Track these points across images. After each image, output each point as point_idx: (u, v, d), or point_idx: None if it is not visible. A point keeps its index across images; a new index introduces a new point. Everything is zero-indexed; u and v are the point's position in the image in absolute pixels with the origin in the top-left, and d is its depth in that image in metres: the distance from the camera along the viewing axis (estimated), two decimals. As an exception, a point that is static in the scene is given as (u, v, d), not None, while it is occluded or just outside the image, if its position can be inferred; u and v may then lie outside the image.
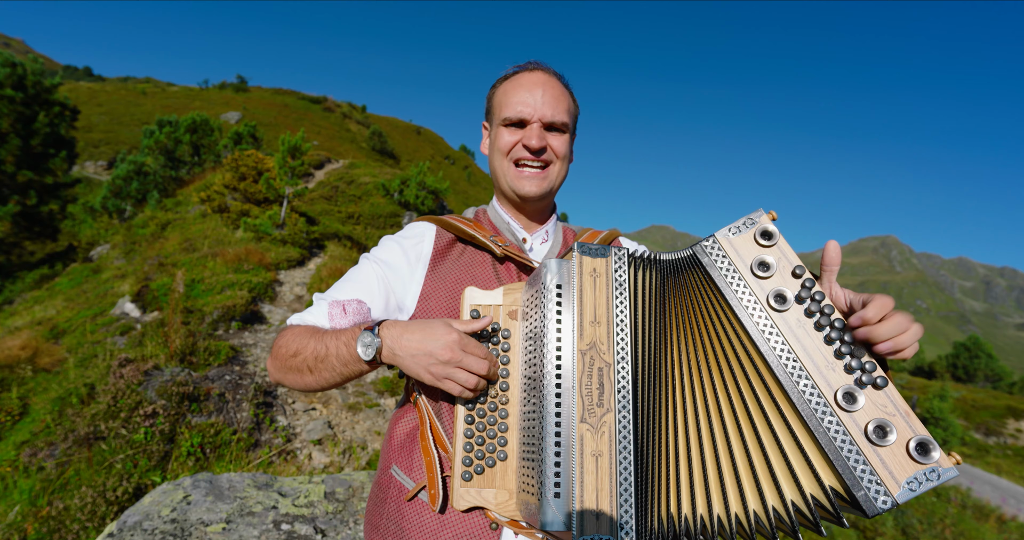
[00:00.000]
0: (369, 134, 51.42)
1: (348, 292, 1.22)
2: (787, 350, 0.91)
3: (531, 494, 0.94)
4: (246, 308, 7.79)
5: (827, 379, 0.88)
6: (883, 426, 0.83)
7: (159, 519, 2.50)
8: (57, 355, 6.61)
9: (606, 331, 0.94)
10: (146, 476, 3.94)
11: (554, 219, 1.42)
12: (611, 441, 0.89)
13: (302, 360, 1.12)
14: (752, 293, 0.95)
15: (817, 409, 0.87)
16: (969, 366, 49.95)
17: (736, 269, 0.97)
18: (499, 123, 1.27)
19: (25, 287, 15.34)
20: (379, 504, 1.22)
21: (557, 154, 1.27)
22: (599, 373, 0.92)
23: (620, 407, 0.91)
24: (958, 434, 26.43)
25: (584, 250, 0.99)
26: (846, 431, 0.85)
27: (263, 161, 14.40)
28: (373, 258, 1.27)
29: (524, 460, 0.99)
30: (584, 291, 0.96)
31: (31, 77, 16.82)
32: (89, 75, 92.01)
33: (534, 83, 1.24)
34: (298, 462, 4.64)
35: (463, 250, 1.28)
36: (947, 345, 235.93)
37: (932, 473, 0.81)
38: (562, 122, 1.25)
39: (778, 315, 0.93)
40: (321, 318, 1.19)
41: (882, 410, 0.85)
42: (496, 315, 1.12)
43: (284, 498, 2.92)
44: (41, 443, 4.30)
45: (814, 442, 0.87)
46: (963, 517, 10.64)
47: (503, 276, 1.24)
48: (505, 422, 1.06)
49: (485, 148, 1.38)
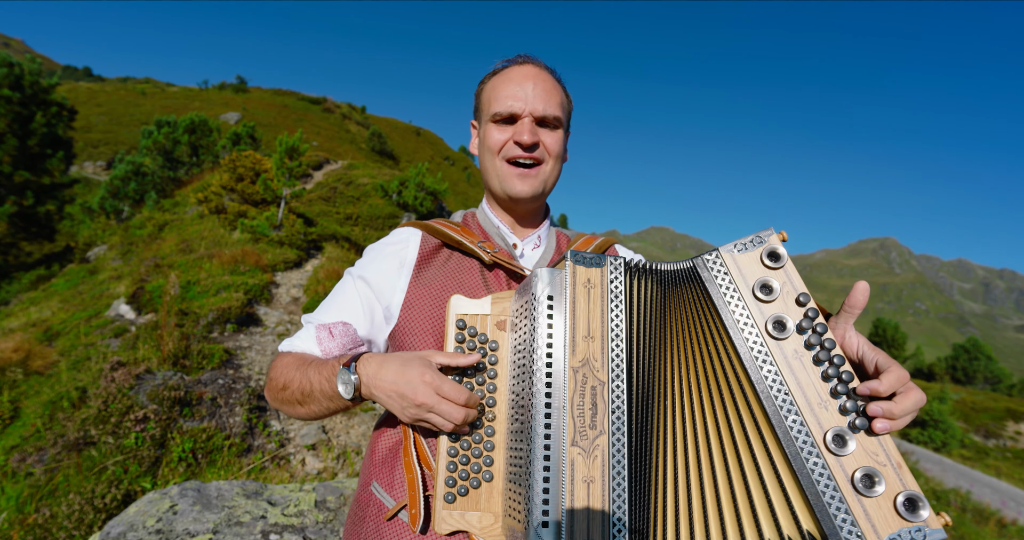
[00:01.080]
0: (369, 135, 51.37)
1: (333, 314, 1.19)
2: (780, 382, 0.85)
3: (518, 521, 0.88)
4: (242, 310, 7.72)
5: (818, 418, 0.82)
6: (871, 475, 0.78)
7: (144, 529, 2.43)
8: (50, 357, 6.54)
9: (600, 347, 0.88)
10: (136, 482, 3.87)
11: (547, 223, 1.36)
12: (604, 466, 0.82)
13: (291, 394, 1.11)
14: (751, 316, 0.89)
15: (803, 449, 0.81)
16: (968, 368, 49.95)
17: (737, 288, 0.91)
18: (488, 119, 1.21)
19: (21, 288, 15.27)
20: (357, 523, 1.17)
21: (550, 151, 1.20)
22: (592, 392, 0.86)
23: (615, 429, 0.84)
24: (957, 436, 26.40)
25: (578, 259, 0.92)
26: (831, 476, 0.79)
27: (261, 162, 14.34)
28: (355, 274, 1.23)
29: (511, 482, 0.94)
30: (577, 303, 0.89)
31: (28, 77, 16.76)
32: (88, 75, 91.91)
33: (524, 77, 1.18)
34: (291, 468, 4.58)
35: (449, 256, 1.22)
36: (946, 347, 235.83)
37: (918, 532, 0.75)
38: (555, 117, 1.18)
39: (775, 343, 0.87)
40: (310, 343, 1.17)
41: (873, 458, 0.79)
42: (484, 326, 1.06)
43: (273, 507, 2.85)
44: (30, 448, 4.23)
45: (796, 483, 0.81)
46: (963, 520, 10.58)
47: (491, 284, 1.18)
48: (491, 440, 1.00)
49: (474, 147, 1.31)
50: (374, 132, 51.58)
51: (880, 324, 57.55)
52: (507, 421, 0.99)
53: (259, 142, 24.16)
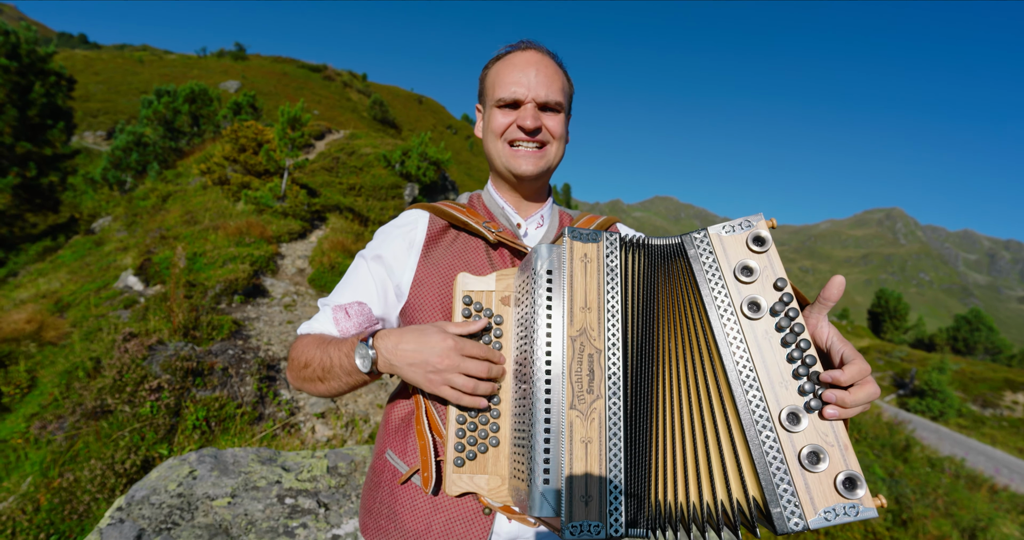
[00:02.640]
0: (370, 103, 50.67)
1: (348, 295, 1.25)
2: (747, 359, 0.91)
3: (521, 480, 0.94)
4: (248, 281, 7.82)
5: (777, 395, 0.88)
6: (817, 453, 0.84)
7: (166, 493, 2.56)
8: (62, 328, 6.67)
9: (597, 317, 0.93)
10: (153, 449, 4.02)
11: (550, 202, 1.41)
12: (601, 428, 0.88)
13: (312, 371, 1.16)
14: (728, 295, 0.94)
15: (758, 422, 0.87)
16: (969, 339, 50.22)
17: (719, 268, 0.96)
18: (493, 104, 1.25)
19: (29, 259, 15.40)
20: (373, 488, 1.25)
21: (553, 134, 1.25)
22: (589, 359, 0.91)
23: (611, 393, 0.90)
24: (955, 406, 26.76)
25: (575, 235, 0.96)
26: (780, 449, 0.85)
27: (263, 132, 14.25)
28: (367, 255, 1.29)
29: (516, 446, 1.00)
30: (575, 277, 0.94)
31: (25, 46, 16.53)
32: (84, 43, 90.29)
33: (527, 63, 1.22)
34: (301, 435, 4.72)
35: (456, 236, 1.27)
36: (948, 318, 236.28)
37: (852, 509, 0.82)
38: (556, 102, 1.23)
39: (748, 322, 0.92)
40: (327, 324, 1.23)
41: (822, 438, 0.85)
42: (488, 301, 1.11)
43: (288, 473, 2.98)
44: (50, 416, 4.38)
45: (748, 453, 0.88)
46: (956, 487, 10.81)
47: (496, 262, 1.23)
48: (498, 408, 1.05)
49: (479, 131, 1.36)
50: (376, 100, 50.88)
51: (883, 295, 57.66)
52: (512, 390, 1.05)
53: (260, 111, 23.92)
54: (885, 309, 56.04)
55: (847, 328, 51.89)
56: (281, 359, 5.86)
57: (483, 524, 1.11)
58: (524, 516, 1.08)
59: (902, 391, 29.94)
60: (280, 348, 6.12)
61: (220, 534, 2.42)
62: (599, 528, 0.85)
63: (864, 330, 54.53)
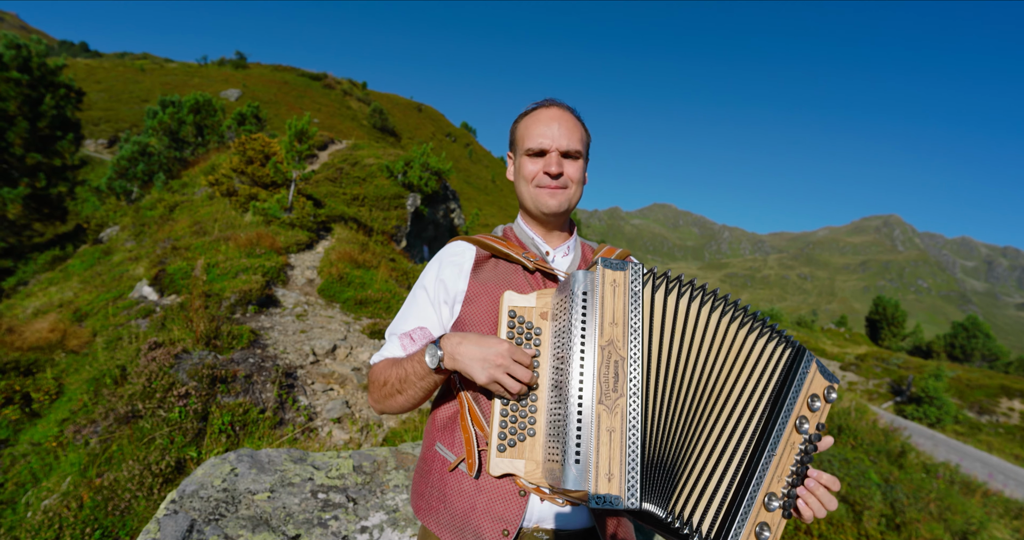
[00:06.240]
0: (370, 111, 51.03)
1: (412, 323, 1.49)
2: (770, 455, 1.24)
3: (556, 462, 1.13)
4: (261, 292, 8.06)
5: (771, 483, 1.22)
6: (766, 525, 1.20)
7: (213, 488, 2.80)
8: (84, 337, 6.90)
9: (622, 331, 1.14)
10: (183, 451, 4.25)
11: (575, 235, 1.67)
12: (623, 420, 1.09)
13: (392, 386, 1.38)
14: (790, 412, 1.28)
15: (753, 489, 1.22)
16: (967, 346, 50.36)
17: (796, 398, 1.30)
18: (523, 153, 1.51)
19: (38, 268, 15.61)
20: (424, 475, 1.48)
21: (572, 178, 1.50)
22: (615, 365, 1.12)
23: (631, 393, 1.11)
24: (951, 412, 26.89)
25: (607, 264, 1.19)
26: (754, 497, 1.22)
27: (270, 145, 14.53)
28: (422, 284, 1.54)
29: (550, 436, 1.18)
30: (605, 298, 1.16)
31: (36, 59, 16.84)
32: (85, 51, 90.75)
33: (551, 118, 1.47)
34: (320, 439, 4.96)
35: (497, 263, 1.53)
36: (946, 325, 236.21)
37: None
38: (576, 150, 1.48)
39: (790, 432, 1.25)
40: (397, 351, 1.47)
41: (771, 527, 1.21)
42: (530, 315, 1.31)
43: (318, 471, 3.22)
44: (82, 420, 4.61)
45: (747, 460, 1.27)
46: (950, 491, 11.00)
47: (532, 284, 1.49)
48: (535, 405, 1.24)
49: (510, 175, 1.62)
50: (375, 109, 51.23)
51: (880, 302, 57.81)
52: (548, 389, 1.23)
53: (264, 122, 24.22)
54: (883, 316, 56.24)
55: (845, 335, 51.97)
56: (297, 367, 6.10)
57: (519, 504, 1.28)
58: (553, 496, 1.28)
59: (899, 398, 30.12)
60: (295, 356, 6.36)
61: (262, 524, 2.67)
62: (618, 500, 1.05)
63: (862, 337, 54.68)
